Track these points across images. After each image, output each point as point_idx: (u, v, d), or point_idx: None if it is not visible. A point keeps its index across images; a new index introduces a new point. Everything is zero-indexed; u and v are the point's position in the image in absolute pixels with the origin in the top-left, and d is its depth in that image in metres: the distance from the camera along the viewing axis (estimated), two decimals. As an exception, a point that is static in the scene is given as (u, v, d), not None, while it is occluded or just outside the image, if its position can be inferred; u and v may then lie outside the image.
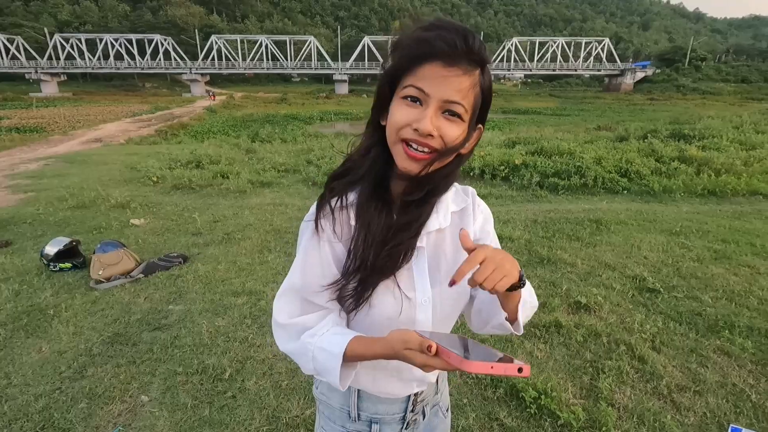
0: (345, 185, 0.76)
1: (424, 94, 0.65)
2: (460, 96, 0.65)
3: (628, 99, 48.02)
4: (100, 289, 3.36)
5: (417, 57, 0.64)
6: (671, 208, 5.41)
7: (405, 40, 0.66)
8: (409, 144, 0.68)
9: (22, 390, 2.20)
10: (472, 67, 0.66)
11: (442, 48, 0.63)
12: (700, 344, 2.57)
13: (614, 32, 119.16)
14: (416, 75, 0.65)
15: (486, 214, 0.87)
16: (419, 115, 0.65)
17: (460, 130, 0.68)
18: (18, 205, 6.14)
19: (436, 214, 0.79)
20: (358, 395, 0.88)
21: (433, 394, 0.97)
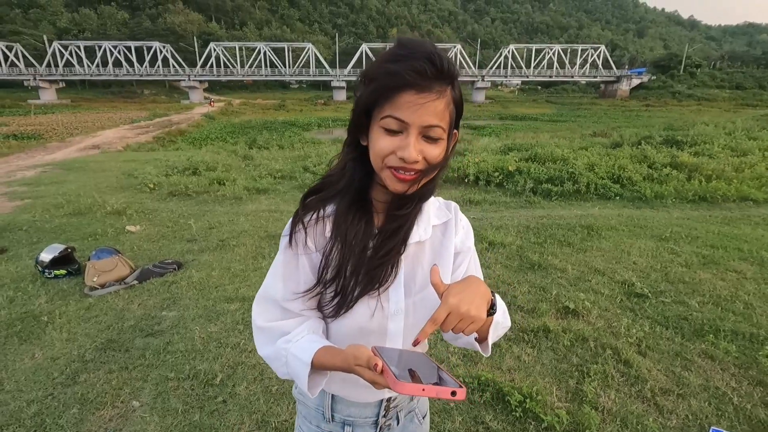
0: (320, 200, 0.78)
1: (404, 124, 0.67)
2: (437, 119, 0.68)
3: (623, 105, 48.41)
4: (95, 295, 3.38)
5: (390, 89, 0.66)
6: (662, 214, 5.47)
7: (375, 72, 0.68)
8: (396, 169, 0.70)
9: (14, 396, 2.23)
10: (443, 87, 0.68)
11: (414, 78, 0.64)
12: (685, 348, 2.61)
13: (610, 39, 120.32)
14: (393, 105, 0.66)
15: (467, 230, 0.90)
16: (402, 143, 0.68)
17: (441, 148, 0.72)
18: (14, 212, 6.17)
19: (417, 226, 0.81)
20: (332, 398, 0.91)
21: (408, 400, 0.98)
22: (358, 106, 0.72)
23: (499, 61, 62.29)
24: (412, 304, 0.82)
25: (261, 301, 0.82)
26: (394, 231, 0.78)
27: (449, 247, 0.85)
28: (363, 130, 0.74)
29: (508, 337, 2.71)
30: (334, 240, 0.77)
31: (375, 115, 0.70)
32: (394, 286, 0.80)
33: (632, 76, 62.98)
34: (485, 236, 4.42)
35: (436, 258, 0.84)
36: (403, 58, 0.65)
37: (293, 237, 0.78)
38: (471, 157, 7.80)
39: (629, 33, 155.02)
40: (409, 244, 0.80)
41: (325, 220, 0.78)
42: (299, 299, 0.79)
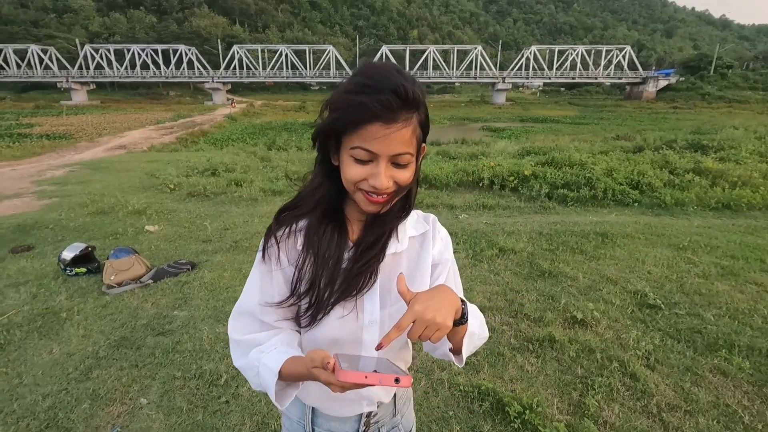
0: (293, 216, 0.81)
1: (373, 154, 0.69)
2: (405, 147, 0.70)
3: (650, 107, 47.08)
4: (111, 293, 3.51)
5: (357, 122, 0.67)
6: (682, 222, 5.31)
7: (341, 103, 0.69)
8: (368, 192, 0.72)
9: (31, 389, 2.33)
10: (409, 115, 0.69)
11: (380, 111, 0.66)
12: (696, 363, 2.53)
13: (636, 40, 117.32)
14: (360, 137, 0.68)
15: (445, 241, 0.90)
16: (372, 171, 0.70)
17: (411, 170, 0.74)
18: (42, 211, 6.44)
19: (394, 238, 0.82)
20: (312, 411, 0.92)
21: (391, 416, 0.98)
22: (324, 132, 0.73)
23: (520, 62, 61.48)
24: (388, 316, 0.82)
25: (237, 315, 0.84)
26: (372, 243, 0.80)
27: (426, 259, 0.86)
28: (333, 153, 0.75)
29: (512, 346, 2.69)
30: (306, 253, 0.79)
31: (344, 141, 0.71)
32: (370, 296, 0.81)
33: (659, 77, 61.16)
34: (496, 242, 4.38)
35: (413, 269, 0.85)
36: (369, 90, 0.66)
37: (266, 252, 0.80)
38: (486, 161, 7.73)
39: (657, 33, 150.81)
40: (386, 255, 0.81)
41: (297, 234, 0.80)
42: (274, 311, 0.81)
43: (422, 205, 6.25)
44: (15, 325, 2.99)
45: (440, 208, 6.14)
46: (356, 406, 0.90)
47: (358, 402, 0.90)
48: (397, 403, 0.99)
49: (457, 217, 5.64)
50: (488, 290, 3.44)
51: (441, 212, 5.96)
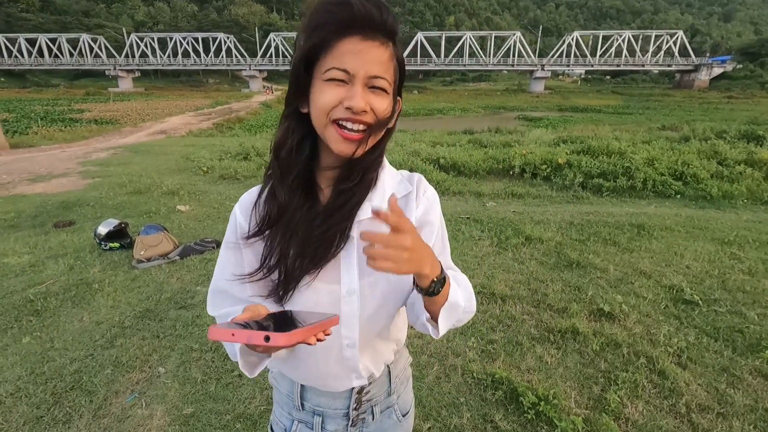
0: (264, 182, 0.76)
1: (349, 74, 0.63)
2: (382, 69, 0.65)
3: (701, 97, 44.24)
4: (140, 268, 3.64)
5: (334, 33, 0.63)
6: (729, 216, 4.94)
7: (319, 14, 0.64)
8: (341, 126, 0.65)
9: (61, 353, 2.45)
10: (387, 38, 0.66)
11: (361, 17, 0.62)
12: (734, 363, 2.35)
13: (690, 24, 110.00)
14: (335, 54, 0.63)
15: (432, 201, 0.80)
16: (348, 92, 0.64)
17: (387, 101, 0.68)
18: (85, 189, 6.79)
19: (370, 201, 0.74)
20: (301, 386, 0.88)
21: (385, 395, 0.93)
22: (297, 63, 0.67)
23: (561, 49, 58.96)
24: (368, 285, 0.76)
25: (212, 293, 0.83)
26: (338, 207, 0.72)
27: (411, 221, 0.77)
28: (304, 93, 0.69)
29: (532, 336, 2.59)
30: (273, 220, 0.73)
31: (316, 71, 0.66)
32: (346, 265, 0.75)
33: (713, 64, 57.12)
34: (522, 230, 4.23)
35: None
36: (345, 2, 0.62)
37: (234, 225, 0.78)
38: (518, 149, 7.48)
39: (713, 17, 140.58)
40: (361, 220, 0.73)
41: (264, 203, 0.75)
42: (248, 287, 0.76)
43: (449, 191, 6.14)
44: (52, 294, 3.16)
45: (467, 196, 6.00)
46: (345, 380, 0.84)
47: (346, 376, 0.84)
48: (392, 381, 0.93)
49: (484, 205, 5.49)
50: (511, 278, 3.33)
51: (468, 199, 5.82)
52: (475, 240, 4.15)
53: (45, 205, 5.79)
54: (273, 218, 0.72)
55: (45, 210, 5.57)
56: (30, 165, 9.43)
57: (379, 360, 0.87)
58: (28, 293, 3.15)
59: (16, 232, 4.78)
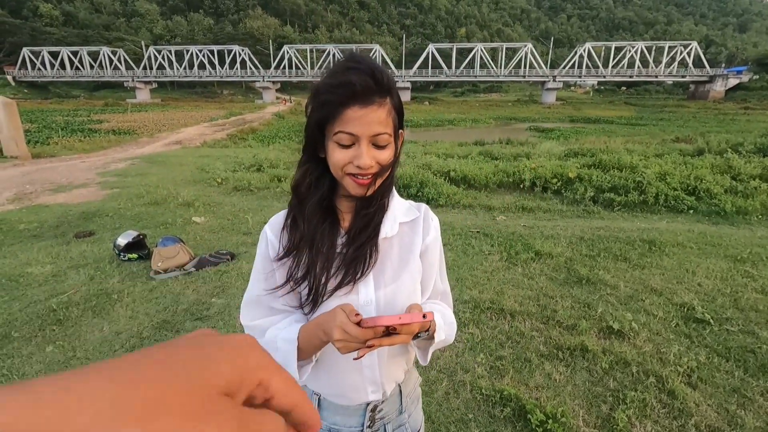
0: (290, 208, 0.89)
1: (354, 137, 0.76)
2: (382, 127, 0.77)
3: (717, 108, 43.61)
4: (158, 279, 3.75)
5: (337, 105, 0.74)
6: (743, 232, 4.89)
7: (323, 90, 0.76)
8: (354, 176, 0.79)
9: (82, 362, 2.55)
10: (383, 97, 0.77)
11: (360, 92, 0.73)
12: (746, 384, 2.34)
13: (704, 35, 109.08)
14: (341, 121, 0.75)
15: (437, 230, 0.96)
16: (356, 153, 0.77)
17: (390, 150, 0.81)
18: (104, 200, 6.98)
19: (384, 224, 0.87)
20: (319, 403, 0.95)
21: (397, 413, 0.98)
22: (310, 125, 0.79)
23: (573, 60, 58.89)
24: (383, 296, 0.87)
25: (246, 304, 0.91)
26: (364, 226, 0.85)
27: (418, 243, 0.91)
28: (319, 145, 0.81)
29: (541, 353, 2.61)
30: (300, 241, 0.85)
31: (328, 131, 0.78)
32: (363, 280, 0.86)
33: (729, 75, 56.44)
34: (532, 245, 4.25)
35: (404, 253, 0.90)
36: (352, 71, 0.74)
37: (267, 243, 0.88)
38: (528, 162, 7.50)
39: (728, 28, 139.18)
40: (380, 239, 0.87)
41: (292, 225, 0.87)
42: (280, 296, 0.87)
43: (459, 205, 6.18)
44: (74, 303, 3.28)
45: (477, 209, 6.03)
46: (361, 393, 0.92)
47: (363, 388, 0.91)
48: (403, 400, 0.99)
49: (494, 219, 5.52)
50: (520, 294, 3.35)
51: (478, 213, 5.86)
52: (485, 254, 4.18)
53: (66, 215, 5.98)
54: (295, 244, 0.85)
55: (66, 220, 5.75)
56: (51, 175, 9.72)
57: (390, 377, 0.94)
58: (51, 303, 3.27)
59: (39, 241, 4.95)
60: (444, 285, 0.99)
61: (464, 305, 3.17)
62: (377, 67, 0.76)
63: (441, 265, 0.97)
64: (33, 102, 48.86)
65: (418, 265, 0.90)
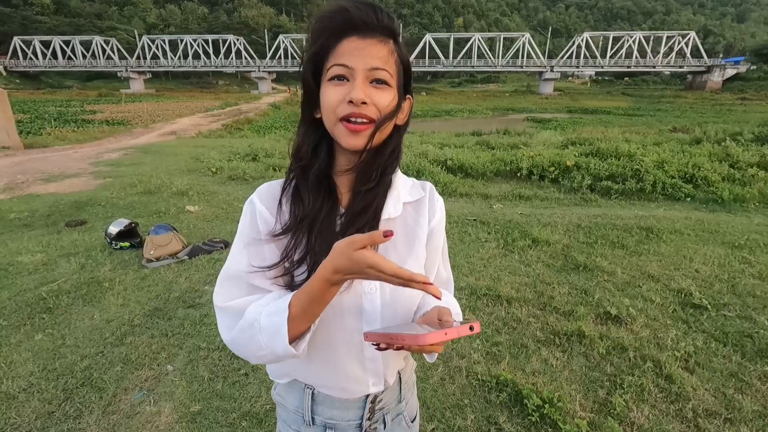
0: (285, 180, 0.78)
1: (349, 69, 0.67)
2: (381, 62, 0.68)
3: (714, 98, 43.62)
4: (150, 267, 3.70)
5: (334, 36, 0.67)
6: (740, 219, 4.88)
7: (319, 23, 0.69)
8: (348, 120, 0.68)
9: (72, 350, 2.50)
10: (385, 37, 0.69)
11: (357, 20, 0.66)
12: (743, 368, 2.32)
13: (702, 25, 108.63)
14: (337, 54, 0.67)
15: (443, 211, 0.86)
16: (350, 88, 0.67)
17: (391, 95, 0.70)
18: (96, 189, 6.89)
19: (386, 204, 0.77)
20: (312, 397, 0.84)
21: (396, 402, 0.92)
22: (305, 70, 0.72)
23: (571, 50, 58.55)
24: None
25: (223, 281, 0.76)
26: (362, 209, 0.74)
27: (423, 225, 0.82)
28: (315, 98, 0.73)
29: (538, 339, 2.58)
30: (296, 219, 0.74)
31: (323, 75, 0.70)
32: None
33: (726, 65, 56.32)
34: (530, 233, 4.22)
35: (408, 236, 0.80)
36: (347, 5, 0.67)
37: (256, 216, 0.76)
38: (526, 151, 7.45)
39: (726, 17, 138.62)
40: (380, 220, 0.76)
41: (287, 198, 0.77)
42: (266, 275, 0.73)
43: (456, 194, 6.13)
44: (64, 292, 3.22)
45: (474, 198, 5.99)
46: (362, 385, 0.83)
47: (364, 380, 0.83)
48: (402, 388, 0.93)
49: (491, 207, 5.48)
50: (517, 281, 3.32)
51: (475, 201, 5.82)
52: (481, 242, 4.15)
53: (58, 204, 5.89)
54: (300, 217, 0.74)
55: (57, 209, 5.67)
56: (43, 165, 9.59)
57: (393, 366, 0.87)
58: (40, 291, 3.21)
59: (30, 231, 4.87)
60: (447, 272, 0.92)
61: (461, 292, 3.14)
62: (380, 6, 0.68)
63: (444, 250, 0.89)
64: (25, 92, 48.21)
65: (423, 250, 0.81)
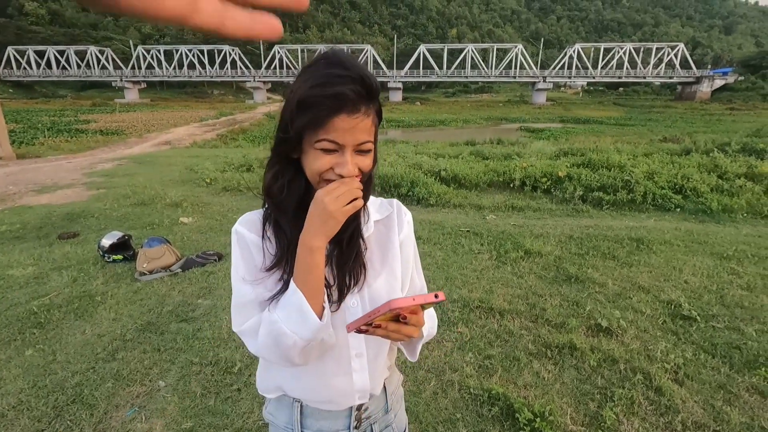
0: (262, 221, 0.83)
1: (339, 145, 0.71)
2: (367, 135, 0.73)
3: (703, 108, 44.34)
4: (143, 280, 3.68)
5: (324, 116, 0.69)
6: (728, 230, 4.95)
7: (311, 99, 0.69)
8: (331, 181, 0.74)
9: (63, 366, 2.49)
10: (369, 105, 0.72)
11: (346, 102, 0.68)
12: (731, 380, 2.35)
13: (691, 37, 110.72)
14: (327, 129, 0.70)
15: (411, 224, 0.94)
16: (338, 160, 0.72)
17: (371, 156, 0.77)
18: (89, 201, 6.86)
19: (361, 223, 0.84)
20: (301, 411, 0.90)
21: (383, 412, 0.97)
22: (289, 128, 0.72)
23: (563, 61, 59.40)
24: (367, 295, 0.84)
25: (236, 311, 0.83)
26: (351, 236, 0.82)
27: (394, 239, 0.89)
28: (296, 148, 0.75)
29: (530, 351, 2.60)
30: (284, 251, 0.79)
31: (307, 137, 0.72)
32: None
33: (715, 76, 57.37)
34: (522, 244, 4.25)
35: (382, 251, 0.88)
36: (343, 80, 0.68)
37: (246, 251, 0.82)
38: (518, 162, 7.52)
39: (714, 29, 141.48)
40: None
41: (272, 231, 0.81)
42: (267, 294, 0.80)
43: (449, 204, 6.17)
44: (55, 306, 3.20)
45: (467, 208, 6.03)
46: (349, 398, 0.89)
47: (351, 392, 0.88)
48: (388, 398, 0.98)
49: (484, 218, 5.53)
50: (509, 293, 3.35)
51: (468, 212, 5.86)
52: (474, 253, 4.18)
53: (50, 216, 5.86)
54: (283, 251, 0.79)
55: (50, 221, 5.64)
56: (36, 176, 9.54)
57: (378, 376, 0.92)
58: (31, 305, 3.19)
59: (21, 243, 4.84)
60: (421, 280, 0.98)
61: (453, 304, 3.16)
62: (366, 73, 0.70)
63: (416, 260, 0.95)
64: (18, 102, 47.99)
65: (398, 262, 0.88)
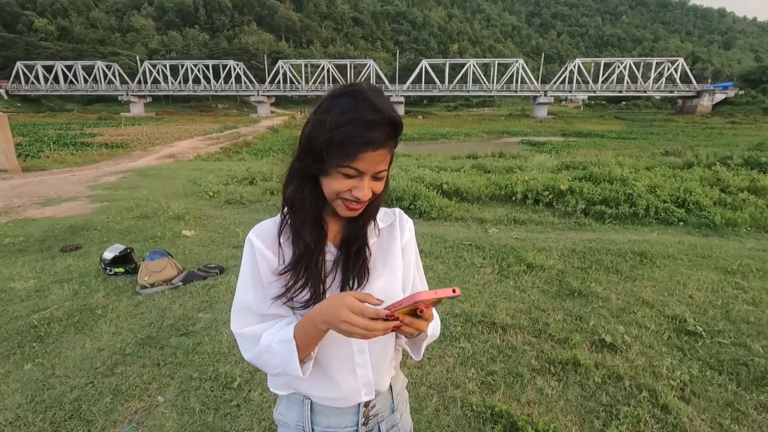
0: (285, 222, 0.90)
1: (360, 172, 0.79)
2: (384, 165, 0.81)
3: (704, 122, 44.53)
4: (144, 293, 3.67)
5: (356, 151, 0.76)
6: (732, 244, 4.92)
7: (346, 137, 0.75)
8: (348, 200, 0.82)
9: (62, 381, 2.46)
10: (394, 142, 0.81)
11: (376, 143, 0.76)
12: (739, 398, 2.31)
13: (690, 52, 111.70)
14: (354, 160, 0.77)
15: (412, 231, 1.01)
16: (357, 184, 0.80)
17: (384, 180, 0.85)
18: (92, 213, 6.89)
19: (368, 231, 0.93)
20: (311, 408, 0.95)
21: (390, 411, 1.01)
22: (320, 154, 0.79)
23: (564, 75, 59.94)
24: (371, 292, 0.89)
25: (237, 313, 0.91)
26: (359, 247, 0.89)
27: (396, 244, 0.96)
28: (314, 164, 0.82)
29: (533, 368, 2.56)
30: (297, 255, 0.86)
31: (333, 162, 0.78)
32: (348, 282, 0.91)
33: (715, 90, 57.71)
34: (525, 258, 4.23)
35: (385, 256, 0.94)
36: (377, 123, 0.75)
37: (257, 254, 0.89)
38: (520, 175, 7.54)
39: (713, 45, 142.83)
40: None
41: (286, 237, 0.89)
42: (271, 305, 0.88)
43: (451, 218, 6.17)
44: (55, 319, 3.19)
45: (469, 222, 6.02)
46: (356, 394, 0.93)
47: (357, 390, 0.93)
48: (395, 398, 1.03)
49: (486, 231, 5.51)
50: (512, 307, 3.32)
51: (470, 226, 5.85)
52: (476, 267, 4.16)
53: (53, 229, 5.88)
54: (298, 258, 0.86)
55: (53, 234, 5.66)
56: (40, 188, 9.61)
57: (383, 373, 0.97)
58: (32, 319, 3.18)
59: (24, 256, 4.85)
60: (423, 283, 1.03)
61: (455, 319, 3.13)
62: (395, 116, 0.77)
63: (418, 264, 1.02)
64: (25, 115, 48.61)
65: (399, 266, 0.94)
